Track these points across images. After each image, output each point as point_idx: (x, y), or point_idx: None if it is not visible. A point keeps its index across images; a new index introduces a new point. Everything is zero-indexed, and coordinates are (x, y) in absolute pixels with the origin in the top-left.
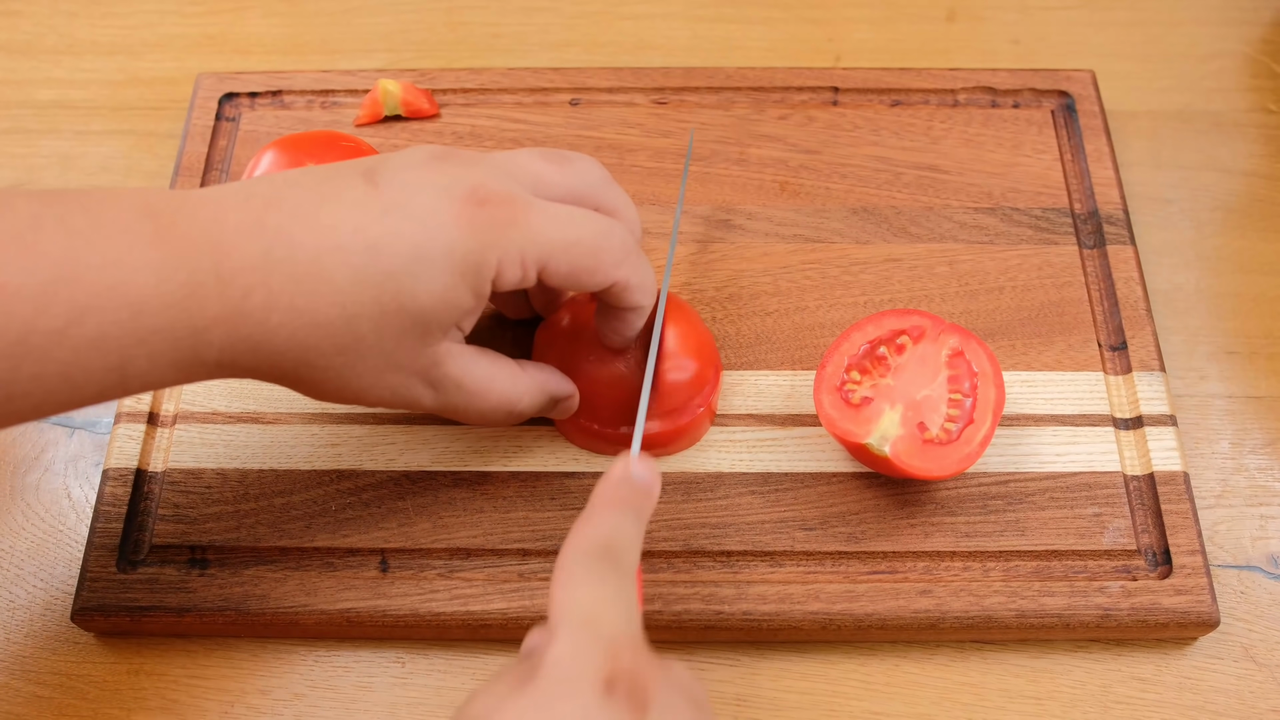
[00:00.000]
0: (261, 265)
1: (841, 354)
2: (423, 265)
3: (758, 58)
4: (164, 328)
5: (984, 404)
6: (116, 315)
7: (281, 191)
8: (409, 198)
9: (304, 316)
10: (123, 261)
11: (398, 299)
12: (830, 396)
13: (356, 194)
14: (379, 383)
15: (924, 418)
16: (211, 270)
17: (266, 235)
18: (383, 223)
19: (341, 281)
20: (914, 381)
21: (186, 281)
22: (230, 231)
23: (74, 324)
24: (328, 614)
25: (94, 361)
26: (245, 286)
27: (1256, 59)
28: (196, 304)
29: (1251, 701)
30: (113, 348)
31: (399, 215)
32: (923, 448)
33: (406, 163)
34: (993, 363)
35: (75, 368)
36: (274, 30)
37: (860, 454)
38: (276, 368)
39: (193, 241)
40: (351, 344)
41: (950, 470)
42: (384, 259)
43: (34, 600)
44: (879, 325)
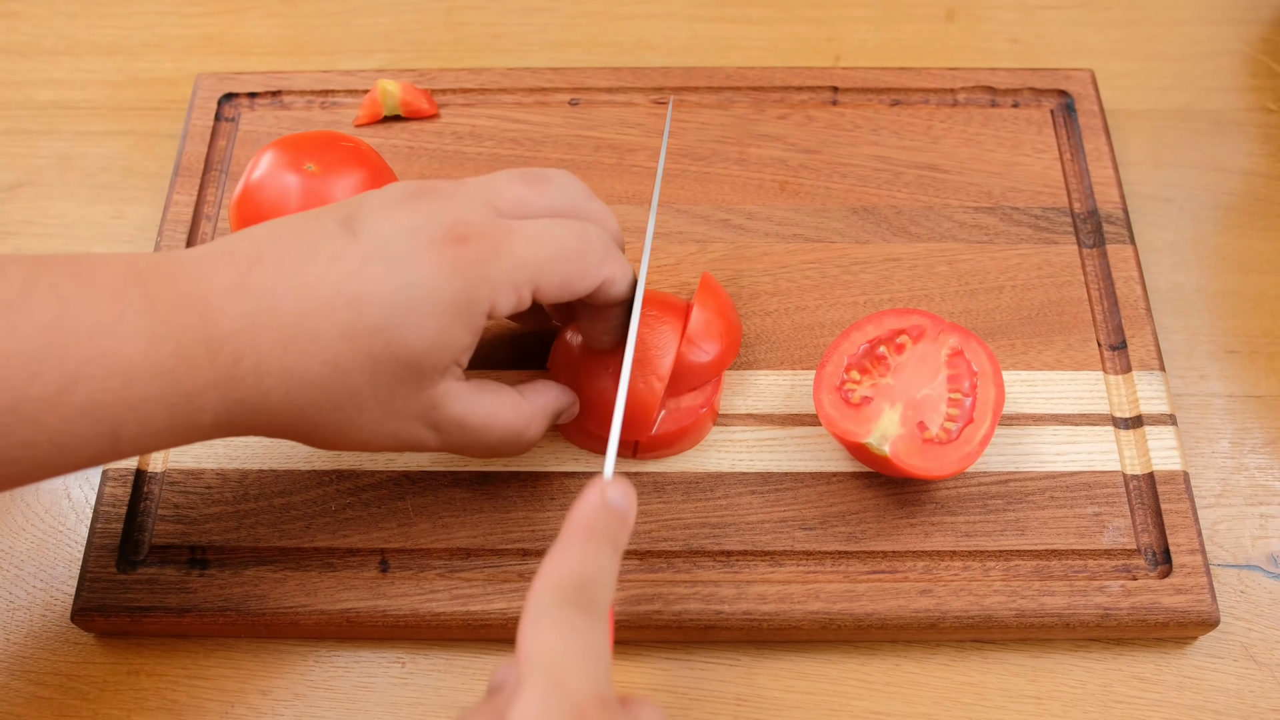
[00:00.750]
0: (248, 329)
1: (841, 353)
2: (410, 313)
3: (757, 57)
4: (155, 395)
5: (984, 403)
6: (107, 383)
7: (263, 248)
8: (387, 245)
9: (296, 377)
10: (112, 328)
11: (389, 349)
12: (830, 396)
13: (335, 246)
14: (380, 431)
15: (924, 417)
16: (200, 338)
17: (250, 297)
18: (364, 274)
19: (329, 338)
20: (914, 381)
21: (175, 350)
22: (216, 294)
23: (65, 391)
24: (328, 614)
25: (86, 428)
26: (235, 352)
27: (1256, 58)
28: (187, 371)
29: (1251, 701)
30: (105, 415)
31: (379, 265)
32: (922, 447)
33: (382, 204)
34: (992, 362)
35: (67, 434)
36: (274, 30)
37: (860, 453)
38: (275, 425)
39: (179, 307)
40: (348, 398)
41: (950, 470)
42: (369, 312)
43: (34, 600)
44: (879, 325)
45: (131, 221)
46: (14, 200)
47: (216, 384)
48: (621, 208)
